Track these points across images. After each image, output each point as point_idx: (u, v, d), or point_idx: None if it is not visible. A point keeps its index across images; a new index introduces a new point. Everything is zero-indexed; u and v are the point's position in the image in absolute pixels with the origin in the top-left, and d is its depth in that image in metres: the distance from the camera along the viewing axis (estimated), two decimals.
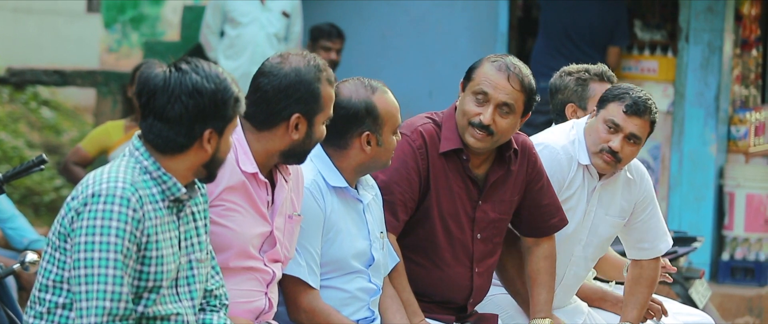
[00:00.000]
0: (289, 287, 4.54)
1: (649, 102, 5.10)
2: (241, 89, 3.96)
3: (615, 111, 5.10)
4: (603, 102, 5.15)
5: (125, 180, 3.82)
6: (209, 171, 3.98)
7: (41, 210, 10.86)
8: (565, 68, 5.68)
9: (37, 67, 11.94)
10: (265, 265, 4.37)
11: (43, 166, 5.17)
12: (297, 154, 4.36)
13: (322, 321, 4.52)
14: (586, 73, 5.60)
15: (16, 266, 5.12)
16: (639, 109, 5.07)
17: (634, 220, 5.34)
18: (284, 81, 4.28)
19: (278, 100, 4.28)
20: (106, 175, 3.84)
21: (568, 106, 5.59)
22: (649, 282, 5.37)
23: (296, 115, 4.28)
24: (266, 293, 4.41)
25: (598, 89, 5.52)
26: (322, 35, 9.78)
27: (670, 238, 5.44)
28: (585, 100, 5.57)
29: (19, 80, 11.91)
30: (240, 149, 4.28)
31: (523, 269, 5.18)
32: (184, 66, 3.86)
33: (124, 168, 3.87)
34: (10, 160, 10.98)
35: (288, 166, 4.45)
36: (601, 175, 5.22)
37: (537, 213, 5.07)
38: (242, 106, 3.96)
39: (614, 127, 5.08)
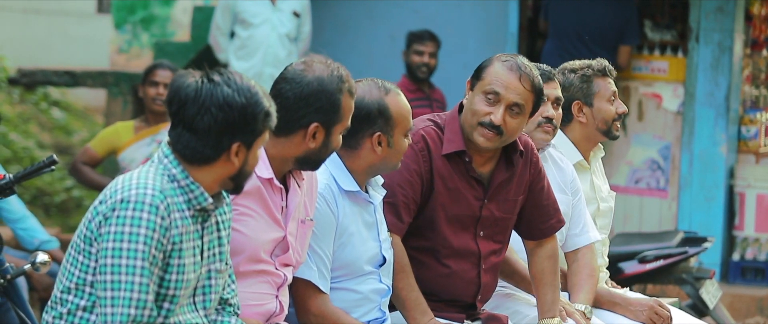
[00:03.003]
0: (299, 291, 4.53)
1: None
2: (272, 103, 3.93)
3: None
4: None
5: (154, 187, 3.81)
6: (236, 183, 3.95)
7: (52, 210, 10.87)
8: (566, 65, 5.69)
9: (47, 68, 11.93)
10: (276, 268, 4.37)
11: (53, 167, 5.17)
12: (312, 162, 4.35)
13: None
14: (590, 70, 5.63)
15: (27, 267, 5.13)
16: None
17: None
18: (306, 89, 4.27)
19: (298, 107, 4.26)
20: (135, 181, 3.82)
21: (575, 103, 5.61)
22: (590, 270, 5.36)
23: (315, 124, 4.27)
24: (277, 296, 4.40)
25: (601, 85, 5.59)
26: (415, 39, 9.80)
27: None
28: (590, 96, 5.60)
29: (30, 81, 11.92)
30: None
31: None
32: (216, 77, 3.83)
33: (153, 175, 3.85)
34: (20, 161, 10.99)
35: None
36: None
37: (537, 213, 5.09)
38: (273, 121, 3.92)
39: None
